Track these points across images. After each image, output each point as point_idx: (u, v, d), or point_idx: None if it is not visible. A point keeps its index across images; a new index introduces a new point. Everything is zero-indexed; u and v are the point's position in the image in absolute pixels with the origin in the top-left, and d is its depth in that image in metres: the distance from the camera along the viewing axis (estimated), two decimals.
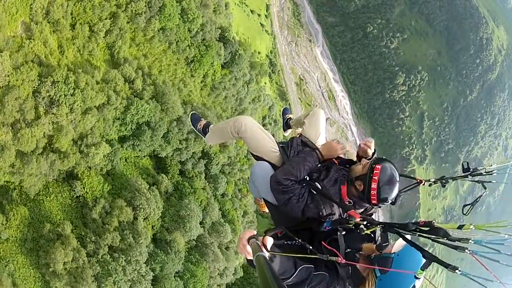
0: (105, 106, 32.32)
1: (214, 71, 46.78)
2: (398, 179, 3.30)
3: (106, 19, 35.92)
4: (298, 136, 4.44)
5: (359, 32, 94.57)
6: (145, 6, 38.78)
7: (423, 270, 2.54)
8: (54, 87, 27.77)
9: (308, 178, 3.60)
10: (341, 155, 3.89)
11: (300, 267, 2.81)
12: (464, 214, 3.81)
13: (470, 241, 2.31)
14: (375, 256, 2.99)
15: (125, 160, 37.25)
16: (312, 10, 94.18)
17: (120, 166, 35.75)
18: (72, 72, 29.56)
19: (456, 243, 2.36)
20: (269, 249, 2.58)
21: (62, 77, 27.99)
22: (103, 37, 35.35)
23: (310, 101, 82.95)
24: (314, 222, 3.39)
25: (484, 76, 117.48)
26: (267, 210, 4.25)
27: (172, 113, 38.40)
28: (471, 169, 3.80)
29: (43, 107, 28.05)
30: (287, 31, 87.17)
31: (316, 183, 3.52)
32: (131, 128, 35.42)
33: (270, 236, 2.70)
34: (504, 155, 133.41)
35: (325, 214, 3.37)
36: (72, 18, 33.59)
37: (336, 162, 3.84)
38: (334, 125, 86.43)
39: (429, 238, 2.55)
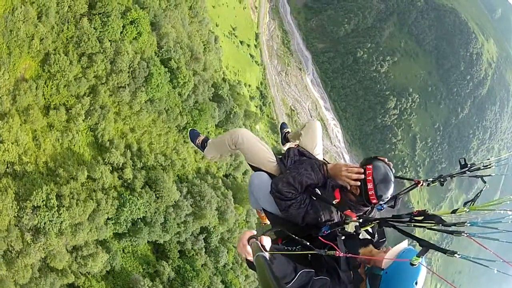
0: (95, 214, 30.74)
1: (208, 133, 45.47)
2: (392, 176, 3.32)
3: (84, 95, 33.81)
4: (295, 146, 4.54)
5: (349, 58, 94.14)
6: (128, 77, 36.92)
7: (418, 257, 2.42)
8: (37, 215, 26.44)
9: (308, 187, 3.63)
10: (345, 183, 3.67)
11: (300, 272, 2.77)
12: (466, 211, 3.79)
13: (466, 223, 2.30)
14: (367, 268, 2.89)
15: (123, 250, 35.85)
16: (302, 37, 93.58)
17: (119, 259, 34.45)
18: (53, 185, 28.14)
19: (452, 228, 2.35)
20: (268, 249, 2.57)
21: (42, 200, 26.69)
22: (83, 120, 33.64)
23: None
24: (313, 229, 3.41)
25: (475, 92, 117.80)
26: (268, 222, 4.25)
27: (168, 199, 36.89)
28: (469, 165, 3.72)
29: (29, 237, 26.76)
30: (277, 60, 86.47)
31: (316, 189, 3.56)
32: (126, 226, 34.05)
33: (268, 236, 2.70)
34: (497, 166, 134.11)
35: (324, 220, 3.40)
36: (44, 100, 31.54)
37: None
38: (326, 155, 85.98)
39: (424, 227, 2.57)
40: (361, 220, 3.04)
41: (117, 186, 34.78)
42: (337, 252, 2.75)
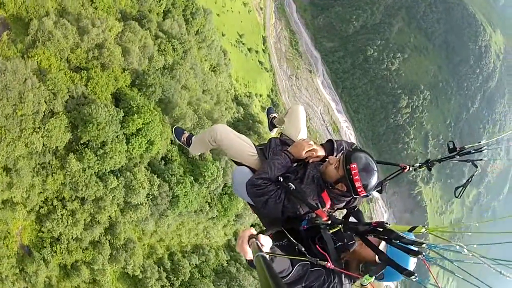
0: None
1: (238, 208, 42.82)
2: (374, 166, 3.18)
3: (100, 241, 31.33)
4: (279, 135, 4.46)
5: (359, 56, 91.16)
6: (149, 207, 33.11)
7: (371, 277, 2.42)
8: None
9: (282, 179, 3.50)
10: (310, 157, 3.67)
11: (297, 265, 2.80)
12: (456, 196, 3.74)
13: (423, 245, 2.21)
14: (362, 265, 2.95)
15: None
16: (310, 37, 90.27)
17: None
18: None
19: (411, 246, 2.27)
20: (268, 249, 2.53)
21: None
22: (110, 267, 31.57)
23: (316, 137, 79.86)
24: (295, 222, 3.35)
25: (485, 85, 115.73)
26: None
27: None
28: (458, 148, 3.57)
29: None
30: (286, 63, 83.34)
31: (290, 183, 3.43)
32: None
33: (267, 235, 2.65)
34: (507, 158, 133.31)
35: (302, 212, 3.34)
36: (59, 267, 29.35)
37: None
38: None
39: (383, 240, 2.52)
40: (329, 222, 3.00)
41: None
42: (328, 264, 2.72)
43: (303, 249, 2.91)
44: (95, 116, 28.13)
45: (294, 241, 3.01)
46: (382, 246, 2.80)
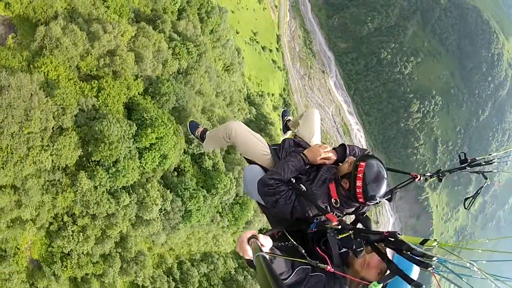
0: None
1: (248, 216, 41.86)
2: (385, 175, 3.21)
3: (111, 253, 30.70)
4: (292, 137, 4.49)
5: (373, 59, 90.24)
6: (161, 221, 32.07)
7: (379, 284, 2.43)
8: None
9: (295, 181, 3.52)
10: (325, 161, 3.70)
11: (298, 268, 2.80)
12: (465, 208, 3.67)
13: (434, 258, 2.24)
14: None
15: None
16: (324, 36, 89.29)
17: None
18: None
19: (421, 259, 2.29)
20: (268, 249, 2.53)
21: None
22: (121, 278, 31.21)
23: (326, 138, 79.11)
24: (303, 224, 3.35)
25: (496, 94, 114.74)
26: None
27: None
28: (469, 160, 3.60)
29: None
30: (299, 63, 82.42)
31: (301, 185, 3.47)
32: None
33: (268, 236, 2.65)
34: None
35: (311, 215, 3.34)
36: (70, 282, 28.81)
37: None
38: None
39: (394, 250, 2.52)
40: (339, 227, 2.93)
41: None
42: (328, 267, 2.65)
43: (303, 251, 2.85)
44: (106, 135, 26.62)
45: (294, 242, 2.95)
46: (389, 254, 2.79)
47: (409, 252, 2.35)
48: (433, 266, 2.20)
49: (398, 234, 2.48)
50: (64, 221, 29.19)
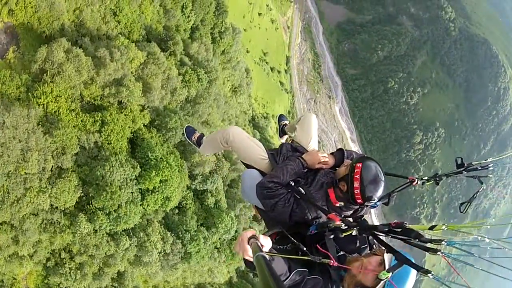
0: None
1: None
2: (382, 177, 3.23)
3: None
4: (290, 141, 4.51)
5: (380, 87, 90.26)
6: (159, 263, 31.81)
7: (388, 272, 2.46)
8: None
9: (293, 184, 3.56)
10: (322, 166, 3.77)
11: (295, 271, 2.78)
12: (461, 212, 3.65)
13: (443, 242, 2.26)
14: None
15: None
16: (333, 61, 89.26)
17: None
18: None
19: (429, 245, 2.33)
20: (268, 249, 2.55)
21: None
22: None
23: None
24: (302, 227, 3.35)
25: (499, 128, 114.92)
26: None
27: None
28: (465, 165, 3.63)
29: None
30: (307, 86, 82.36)
31: (300, 188, 3.49)
32: None
33: (268, 236, 2.67)
34: None
35: (311, 218, 3.36)
36: None
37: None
38: None
39: (401, 239, 2.55)
40: (343, 225, 2.92)
41: None
42: (331, 262, 2.67)
43: (304, 248, 2.86)
44: (109, 182, 26.17)
45: (295, 241, 2.95)
46: (386, 261, 2.78)
47: (417, 240, 2.39)
48: (442, 250, 2.22)
49: (405, 223, 2.53)
50: (62, 257, 28.90)
